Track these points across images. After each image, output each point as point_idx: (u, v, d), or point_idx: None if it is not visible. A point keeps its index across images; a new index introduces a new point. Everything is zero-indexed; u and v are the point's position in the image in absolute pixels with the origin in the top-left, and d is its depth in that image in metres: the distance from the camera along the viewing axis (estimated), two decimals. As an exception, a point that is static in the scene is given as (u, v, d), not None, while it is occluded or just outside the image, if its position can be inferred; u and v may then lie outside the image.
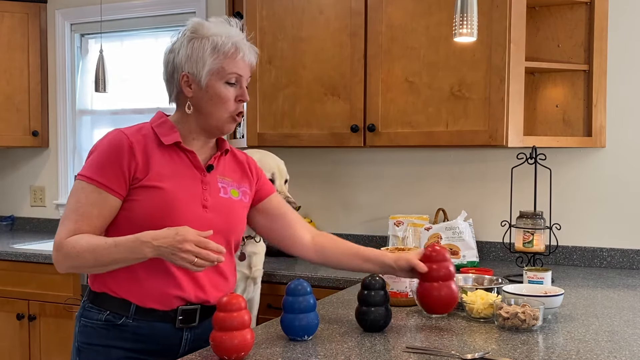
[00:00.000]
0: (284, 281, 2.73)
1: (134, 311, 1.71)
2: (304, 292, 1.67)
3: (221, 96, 1.74)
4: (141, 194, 1.69)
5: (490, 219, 3.04)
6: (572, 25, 2.87)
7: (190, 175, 1.75)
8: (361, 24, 2.88)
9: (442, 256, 1.82)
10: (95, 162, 1.70)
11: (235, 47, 1.74)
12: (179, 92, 1.78)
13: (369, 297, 1.76)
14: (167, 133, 1.75)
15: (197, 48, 1.72)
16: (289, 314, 1.67)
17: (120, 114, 3.98)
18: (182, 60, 1.73)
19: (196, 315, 1.75)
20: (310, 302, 1.67)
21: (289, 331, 1.67)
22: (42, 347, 3.31)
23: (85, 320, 1.76)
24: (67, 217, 1.68)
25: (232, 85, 1.75)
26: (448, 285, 1.80)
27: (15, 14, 3.93)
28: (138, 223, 1.67)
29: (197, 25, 1.75)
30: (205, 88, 1.73)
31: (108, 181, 1.67)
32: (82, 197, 1.68)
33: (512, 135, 2.65)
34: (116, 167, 1.67)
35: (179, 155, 1.76)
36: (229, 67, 1.73)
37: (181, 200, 1.70)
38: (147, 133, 1.74)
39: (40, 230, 4.17)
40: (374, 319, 1.75)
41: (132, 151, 1.68)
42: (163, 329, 1.73)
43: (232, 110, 1.76)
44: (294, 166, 3.04)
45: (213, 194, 1.78)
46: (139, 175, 1.68)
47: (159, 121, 1.79)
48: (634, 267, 2.84)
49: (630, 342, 1.69)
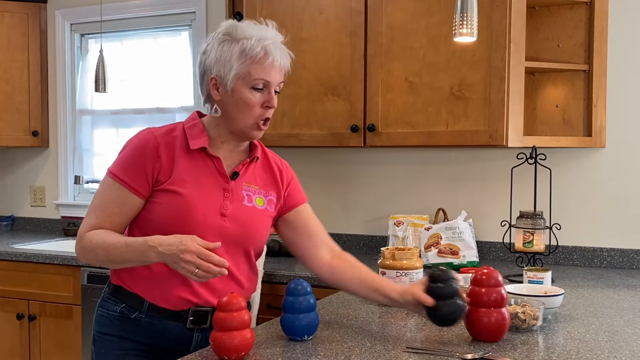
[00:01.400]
0: (284, 281, 2.73)
1: (147, 308, 1.74)
2: (304, 292, 1.67)
3: (246, 101, 1.71)
4: (161, 196, 1.70)
5: (490, 219, 3.04)
6: (572, 25, 2.87)
7: (212, 182, 1.74)
8: (361, 24, 2.88)
9: (494, 280, 1.68)
10: (122, 160, 1.73)
11: (265, 51, 1.70)
12: (208, 94, 1.76)
13: (438, 290, 1.66)
14: (196, 136, 1.74)
15: (226, 51, 1.70)
16: (289, 314, 1.66)
17: (120, 114, 3.98)
18: (212, 62, 1.72)
19: (207, 316, 1.76)
20: (310, 302, 1.67)
21: (289, 331, 1.67)
22: (42, 347, 3.31)
23: (102, 310, 1.81)
24: (92, 211, 1.73)
25: (259, 91, 1.72)
26: (499, 311, 1.66)
27: (15, 14, 3.93)
28: (156, 225, 1.69)
29: (231, 28, 1.73)
30: (231, 92, 1.71)
31: (131, 180, 1.69)
32: (106, 193, 1.72)
33: (512, 135, 2.65)
34: (140, 168, 1.69)
35: (204, 160, 1.75)
36: (256, 72, 1.70)
37: (198, 208, 1.70)
38: (178, 134, 1.74)
39: (40, 230, 4.17)
40: (446, 313, 1.65)
41: (157, 153, 1.70)
42: (175, 327, 1.75)
43: (257, 115, 1.73)
44: (294, 166, 3.02)
45: (235, 202, 1.76)
46: (161, 178, 1.70)
47: (191, 123, 1.78)
48: (634, 267, 2.84)
49: (630, 342, 1.69)
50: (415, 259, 2.12)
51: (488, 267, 1.75)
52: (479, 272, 1.71)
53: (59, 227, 4.09)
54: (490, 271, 1.71)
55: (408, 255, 2.11)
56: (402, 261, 2.09)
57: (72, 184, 4.14)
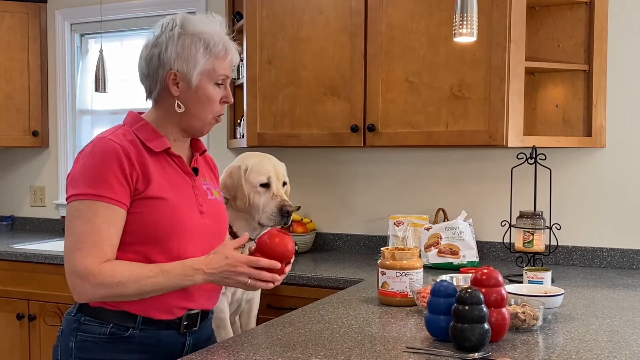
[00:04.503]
0: (284, 281, 2.72)
1: (140, 322, 1.66)
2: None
3: (209, 97, 1.70)
4: (142, 205, 1.61)
5: (490, 219, 3.04)
6: (572, 25, 2.87)
7: (182, 182, 1.72)
8: (361, 24, 2.88)
9: (494, 280, 1.68)
10: (95, 176, 1.58)
11: (226, 48, 1.71)
12: (162, 89, 1.71)
13: (463, 313, 1.58)
14: (152, 138, 1.68)
15: (188, 46, 1.67)
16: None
17: (120, 114, 3.97)
18: (171, 57, 1.68)
19: (198, 319, 1.75)
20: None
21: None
22: (42, 347, 3.31)
23: (85, 335, 1.66)
24: (84, 241, 1.55)
25: (219, 86, 1.72)
26: (499, 311, 1.65)
27: (15, 14, 3.93)
28: (137, 237, 1.61)
29: (185, 21, 1.70)
30: (195, 88, 1.69)
31: (115, 194, 1.57)
32: (93, 216, 1.56)
33: (512, 135, 2.65)
34: (120, 178, 1.58)
35: (167, 161, 1.71)
36: (220, 68, 1.70)
37: (183, 210, 1.67)
38: (132, 139, 1.65)
39: (40, 230, 4.16)
40: (465, 338, 1.57)
41: (130, 160, 1.60)
42: (168, 336, 1.70)
43: (216, 111, 1.73)
44: (294, 166, 3.04)
45: (203, 198, 1.76)
46: (139, 187, 1.61)
47: (138, 124, 1.70)
48: (634, 267, 2.84)
49: (630, 342, 1.69)
50: (415, 259, 2.12)
51: (488, 267, 1.76)
52: (479, 272, 1.72)
53: (59, 227, 4.09)
54: (490, 271, 1.71)
55: (408, 255, 2.11)
56: (402, 261, 2.09)
57: (72, 184, 4.14)
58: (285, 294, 2.73)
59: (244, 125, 3.18)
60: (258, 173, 2.42)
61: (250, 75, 3.07)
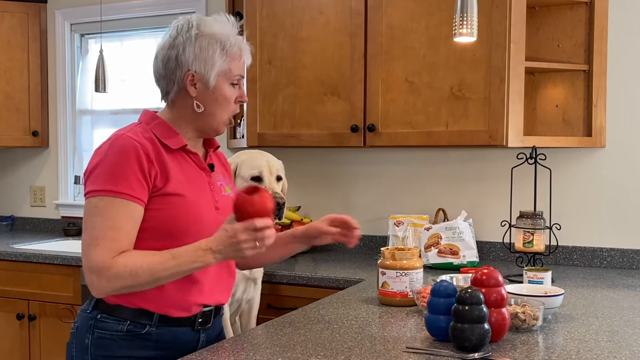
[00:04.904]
0: (284, 281, 2.73)
1: (156, 320, 1.67)
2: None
3: (226, 97, 1.73)
4: (161, 202, 1.63)
5: (490, 219, 3.04)
6: (572, 25, 2.87)
7: (199, 179, 1.74)
8: (361, 24, 2.88)
9: (494, 280, 1.68)
10: (113, 173, 1.60)
11: (240, 49, 1.74)
12: (179, 90, 1.73)
13: (463, 313, 1.58)
14: (169, 135, 1.71)
15: (205, 47, 1.70)
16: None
17: (120, 114, 3.98)
18: (189, 58, 1.70)
19: (212, 316, 1.76)
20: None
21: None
22: (42, 347, 3.31)
23: (102, 332, 1.68)
24: (102, 237, 1.56)
25: (234, 86, 1.75)
26: (499, 311, 1.65)
27: (15, 14, 3.93)
28: (158, 233, 1.63)
29: (201, 22, 1.73)
30: (212, 89, 1.71)
31: (134, 191, 1.59)
32: (112, 213, 1.58)
33: (512, 135, 2.65)
34: (139, 175, 1.60)
35: (184, 158, 1.74)
36: (235, 68, 1.73)
37: (201, 206, 1.69)
38: (150, 136, 1.68)
39: (40, 230, 4.16)
40: (465, 338, 1.57)
41: (149, 158, 1.62)
42: (184, 333, 1.72)
43: (232, 111, 1.76)
44: (294, 166, 3.05)
45: (218, 194, 1.78)
46: (158, 184, 1.63)
47: (155, 122, 1.73)
48: (634, 267, 2.84)
49: (630, 342, 1.69)
50: (415, 259, 2.12)
51: (488, 267, 1.76)
52: (479, 272, 1.71)
53: (59, 227, 4.09)
54: (490, 271, 1.71)
55: (408, 255, 2.11)
56: (402, 261, 2.09)
57: (72, 184, 4.14)
58: (285, 294, 2.73)
59: (244, 125, 3.18)
60: (250, 167, 2.48)
61: (250, 75, 3.07)
